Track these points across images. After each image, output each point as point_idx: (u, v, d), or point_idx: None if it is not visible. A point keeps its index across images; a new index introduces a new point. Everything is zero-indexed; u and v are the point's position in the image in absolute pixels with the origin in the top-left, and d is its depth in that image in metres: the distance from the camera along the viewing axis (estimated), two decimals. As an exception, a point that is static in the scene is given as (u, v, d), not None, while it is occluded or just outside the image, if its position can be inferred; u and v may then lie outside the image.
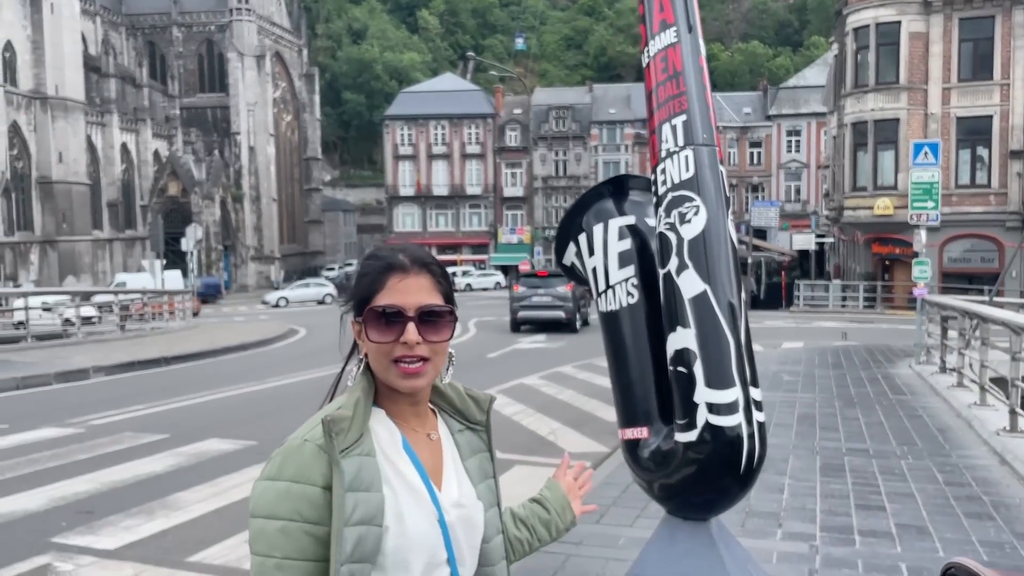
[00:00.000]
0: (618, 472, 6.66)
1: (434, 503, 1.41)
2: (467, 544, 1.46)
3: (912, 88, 29.90)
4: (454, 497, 1.46)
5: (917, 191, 13.45)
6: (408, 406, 1.48)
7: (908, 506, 5.70)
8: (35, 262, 50.61)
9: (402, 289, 1.42)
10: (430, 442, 1.49)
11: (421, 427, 1.50)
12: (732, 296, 3.02)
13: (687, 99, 3.08)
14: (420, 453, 1.46)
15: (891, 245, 31.11)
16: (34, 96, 51.24)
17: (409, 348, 1.40)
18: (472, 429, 1.59)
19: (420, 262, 1.46)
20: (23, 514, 5.98)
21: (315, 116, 79.20)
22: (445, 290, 1.48)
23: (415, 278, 1.44)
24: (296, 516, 1.33)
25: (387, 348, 1.40)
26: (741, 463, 2.94)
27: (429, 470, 1.45)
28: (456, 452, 1.54)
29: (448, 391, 1.57)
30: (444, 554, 1.41)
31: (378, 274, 1.44)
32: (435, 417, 1.55)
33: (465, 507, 1.47)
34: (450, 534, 1.42)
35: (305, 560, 1.32)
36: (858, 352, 16.04)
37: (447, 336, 1.45)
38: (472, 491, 1.51)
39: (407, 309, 1.41)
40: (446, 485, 1.47)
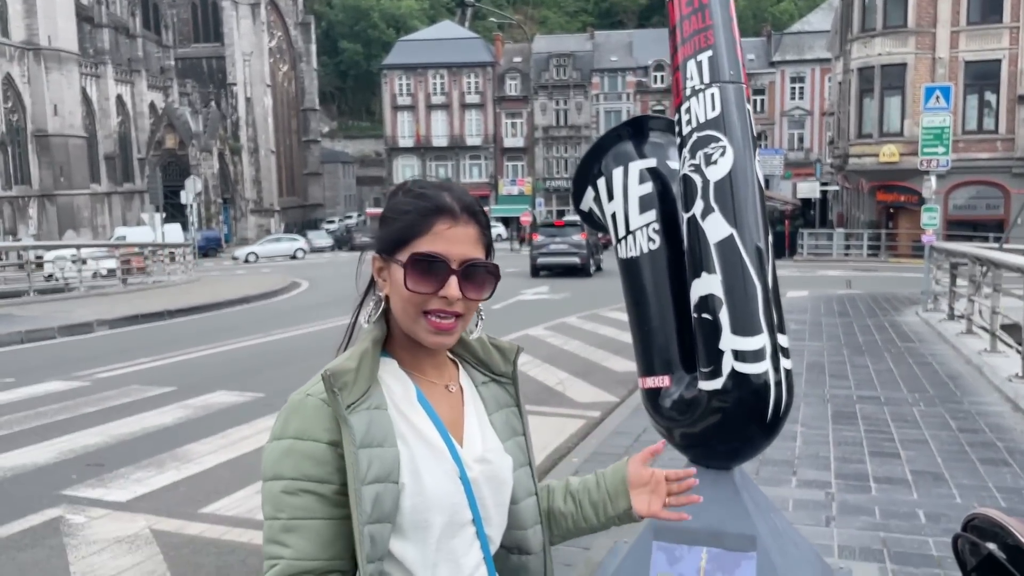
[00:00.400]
0: (629, 421, 6.64)
1: (455, 459, 1.31)
2: (494, 503, 1.35)
3: (920, 32, 29.37)
4: (477, 452, 1.35)
5: (928, 136, 13.25)
6: (427, 357, 1.38)
7: (922, 453, 5.67)
8: (34, 216, 50.38)
9: (449, 237, 1.29)
10: (449, 394, 1.39)
11: (439, 378, 1.39)
12: (759, 240, 2.92)
13: (713, 33, 2.94)
14: (438, 406, 1.35)
15: (896, 192, 30.87)
16: (27, 47, 50.45)
17: (448, 303, 1.28)
18: (497, 381, 1.48)
19: (470, 210, 1.33)
20: (33, 467, 5.97)
21: (312, 66, 78.14)
22: (488, 242, 1.36)
23: (464, 227, 1.31)
24: (299, 475, 1.24)
25: (421, 299, 1.29)
26: (767, 412, 2.87)
27: (448, 424, 1.35)
28: (481, 405, 1.43)
29: (471, 340, 1.46)
30: (468, 513, 1.31)
31: (423, 215, 1.30)
32: (456, 368, 1.45)
33: (490, 463, 1.36)
34: (474, 491, 1.32)
35: (313, 519, 1.24)
36: (863, 300, 15.98)
37: (488, 294, 1.33)
38: (499, 446, 1.40)
39: (452, 260, 1.28)
40: (468, 439, 1.36)
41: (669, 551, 3.08)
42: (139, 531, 4.67)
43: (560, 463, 5.80)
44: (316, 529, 1.24)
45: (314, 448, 1.24)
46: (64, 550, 4.42)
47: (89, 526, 4.78)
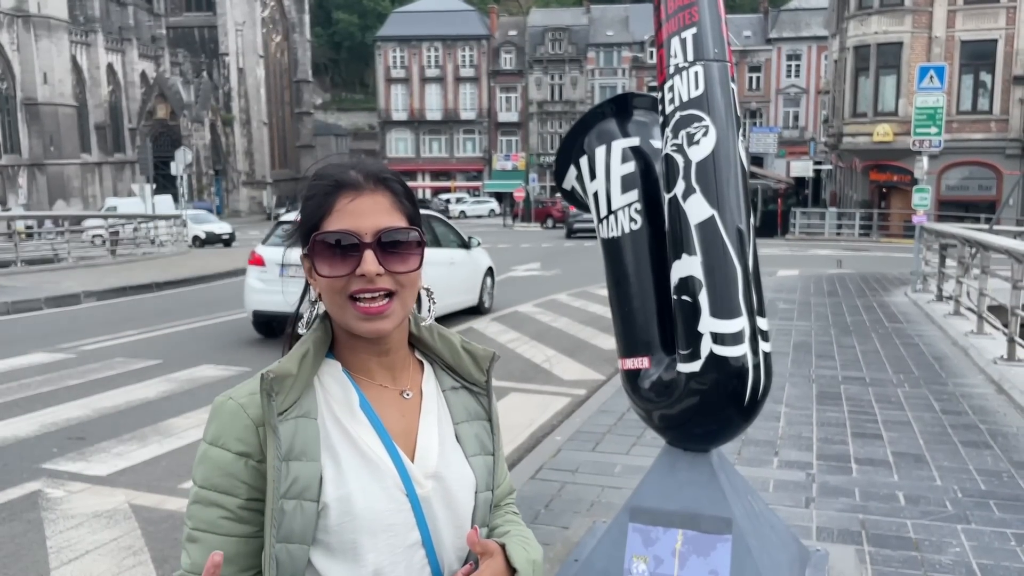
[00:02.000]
0: (613, 400, 6.64)
1: (401, 474, 1.18)
2: (448, 524, 1.22)
3: (917, 10, 29.20)
4: (430, 467, 1.21)
5: (921, 116, 13.19)
6: (373, 356, 1.23)
7: (905, 434, 5.68)
8: (24, 185, 49.97)
9: (354, 211, 1.16)
10: (403, 401, 1.25)
11: (391, 382, 1.25)
12: (741, 222, 2.88)
13: (698, 10, 2.88)
14: (385, 414, 1.21)
15: (889, 172, 30.84)
16: (16, 14, 49.75)
17: (368, 281, 1.14)
18: (469, 389, 1.32)
19: (376, 177, 1.19)
20: (13, 440, 5.93)
21: (305, 37, 77.32)
22: (409, 211, 1.21)
23: (370, 197, 1.17)
24: (206, 484, 1.15)
25: (341, 283, 1.15)
26: (745, 395, 2.86)
27: (397, 434, 1.21)
28: (447, 414, 1.28)
29: (436, 341, 1.31)
30: (415, 534, 1.18)
31: (324, 195, 1.18)
32: (420, 371, 1.30)
33: (444, 479, 1.22)
34: (424, 511, 1.19)
35: (215, 534, 1.14)
36: (853, 280, 16.00)
37: (415, 265, 1.18)
38: (461, 461, 1.25)
39: (363, 234, 1.15)
40: (421, 452, 1.22)
41: (645, 533, 3.07)
42: (118, 506, 4.65)
43: (544, 441, 5.80)
44: (214, 545, 1.14)
45: (222, 458, 1.15)
46: (41, 524, 4.40)
47: (68, 500, 4.76)
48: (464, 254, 11.79)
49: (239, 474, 1.15)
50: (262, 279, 10.11)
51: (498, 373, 6.34)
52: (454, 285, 11.08)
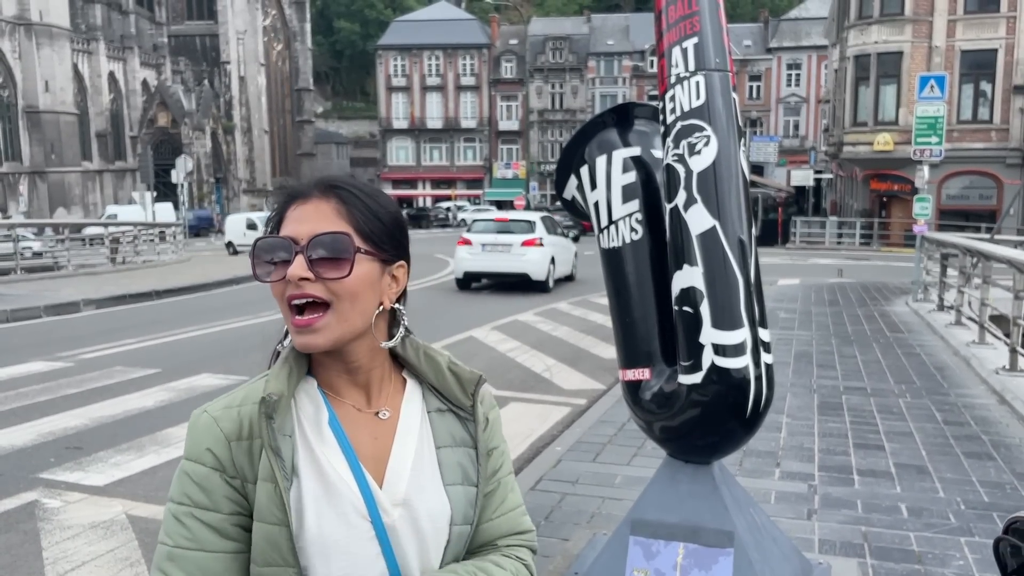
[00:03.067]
0: (614, 410, 6.61)
1: (367, 500, 1.13)
2: (417, 557, 1.16)
3: (917, 20, 29.25)
4: (399, 494, 1.15)
5: (921, 126, 13.18)
6: (343, 374, 1.19)
7: (907, 445, 5.65)
8: (24, 193, 50.02)
9: (297, 217, 1.13)
10: (377, 422, 1.19)
11: (365, 402, 1.20)
12: (742, 232, 2.86)
13: (699, 20, 2.87)
14: (356, 435, 1.17)
15: (889, 181, 30.85)
16: (18, 22, 49.91)
17: (296, 286, 1.10)
18: (455, 413, 1.25)
19: (327, 185, 1.16)
20: (10, 449, 5.90)
21: (306, 45, 77.57)
22: (359, 220, 1.14)
23: (315, 203, 1.14)
24: (184, 499, 1.13)
25: (279, 288, 1.12)
26: (747, 406, 2.83)
27: (367, 457, 1.16)
28: (429, 437, 1.22)
29: (420, 360, 1.24)
30: (380, 565, 1.13)
31: (281, 205, 1.17)
32: (401, 390, 1.24)
33: (414, 508, 1.15)
34: (391, 541, 1.13)
35: (199, 550, 1.11)
36: (854, 289, 15.98)
37: (345, 272, 1.11)
38: (438, 489, 1.18)
39: (298, 239, 1.11)
40: (391, 478, 1.16)
41: (646, 546, 3.04)
42: (115, 516, 4.61)
43: (544, 451, 5.77)
44: (203, 562, 1.11)
45: (196, 471, 1.13)
46: (38, 535, 4.36)
47: (65, 510, 4.72)
48: (567, 241, 17.89)
49: (217, 488, 1.12)
50: (469, 252, 16.35)
51: (497, 382, 6.31)
52: (560, 260, 17.15)
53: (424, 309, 13.84)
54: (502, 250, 16.17)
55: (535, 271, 16.08)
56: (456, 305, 14.49)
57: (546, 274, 16.24)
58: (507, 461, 1.31)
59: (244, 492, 1.13)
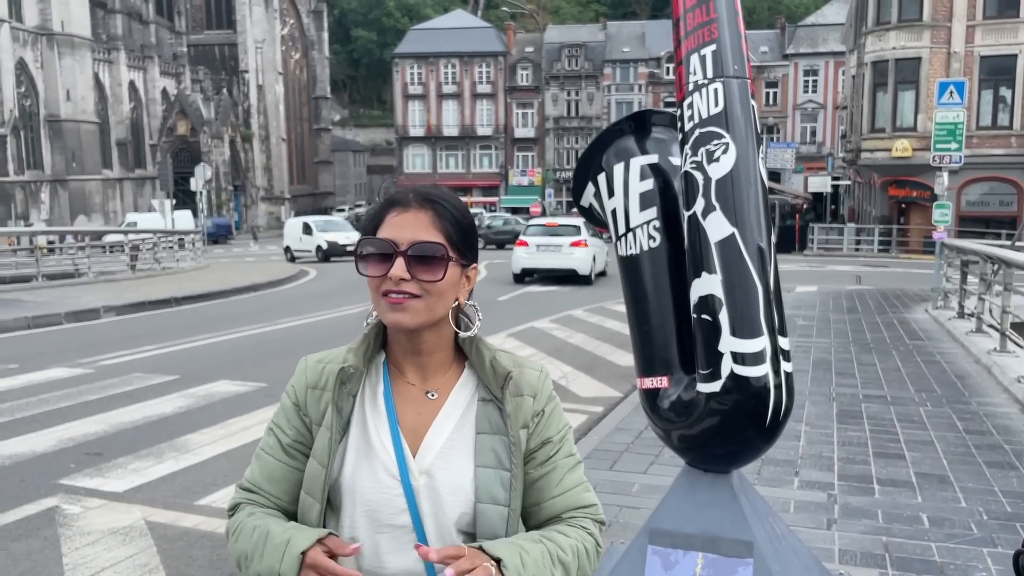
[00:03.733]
0: (631, 418, 6.59)
1: (399, 462, 1.34)
2: (435, 519, 1.34)
3: (935, 26, 29.07)
4: (426, 464, 1.35)
5: (941, 132, 13.09)
6: (409, 355, 1.41)
7: (928, 454, 5.59)
8: (46, 201, 50.56)
9: (398, 224, 1.36)
10: (426, 400, 1.40)
11: (420, 381, 1.42)
12: (761, 240, 2.84)
13: (718, 26, 2.86)
14: (403, 407, 1.39)
15: (908, 188, 30.63)
16: (40, 32, 50.55)
17: (394, 283, 1.33)
18: (495, 402, 1.41)
19: (425, 198, 1.38)
20: (31, 455, 5.95)
21: (324, 54, 78.10)
22: (449, 230, 1.36)
23: (414, 213, 1.36)
24: (275, 418, 1.46)
25: (376, 282, 1.36)
26: (767, 415, 2.81)
27: (409, 428, 1.37)
28: (472, 421, 1.40)
29: (471, 352, 1.44)
30: (404, 518, 1.34)
31: (379, 210, 1.40)
32: (457, 376, 1.44)
33: (435, 479, 1.35)
34: (416, 501, 1.34)
35: (269, 456, 1.44)
36: (873, 296, 15.86)
37: (439, 276, 1.34)
38: (467, 470, 1.35)
39: (399, 243, 1.34)
40: (424, 449, 1.36)
41: (664, 556, 3.02)
42: (134, 522, 4.64)
43: (560, 459, 5.74)
44: (272, 465, 1.44)
45: (285, 402, 1.45)
46: (58, 541, 4.40)
47: (84, 516, 4.76)
48: (601, 242, 20.14)
49: (291, 417, 1.44)
50: (526, 252, 19.68)
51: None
52: (599, 259, 20.00)
53: (440, 316, 13.86)
54: (553, 250, 19.51)
55: (581, 267, 19.35)
56: (472, 312, 14.51)
57: (589, 269, 19.42)
58: (565, 446, 1.48)
59: (308, 428, 1.42)
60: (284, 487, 1.42)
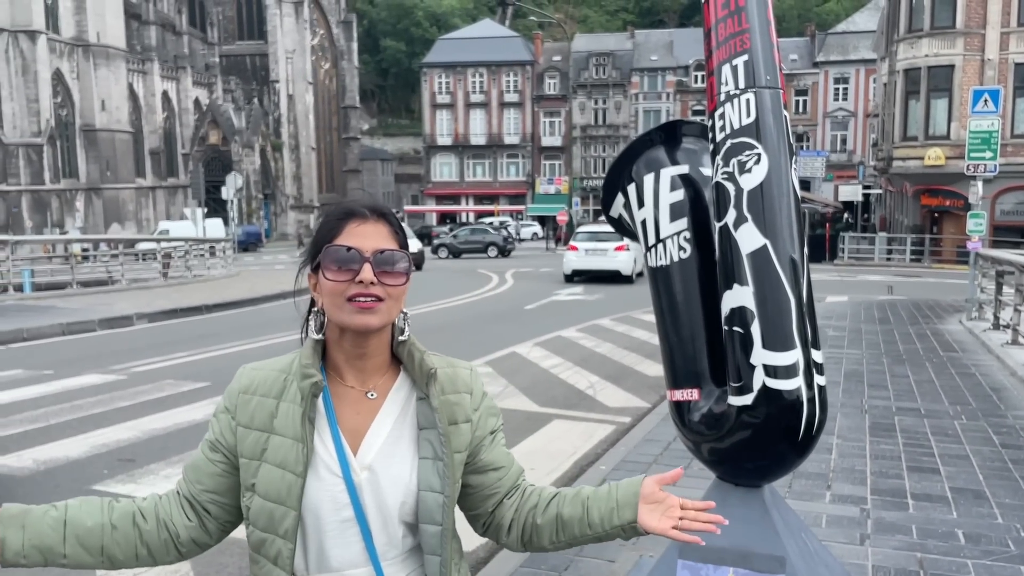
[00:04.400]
0: (659, 429, 6.54)
1: (340, 460, 1.44)
2: (377, 510, 1.45)
3: (969, 33, 28.69)
4: (367, 460, 1.46)
5: (975, 140, 12.90)
6: (352, 359, 1.49)
7: (963, 469, 5.49)
8: (81, 209, 51.45)
9: (360, 233, 1.45)
10: (364, 400, 1.50)
11: (359, 383, 1.50)
12: (794, 251, 2.81)
13: (749, 37, 2.84)
14: (342, 409, 1.48)
15: (941, 197, 30.20)
16: (76, 44, 51.53)
17: (364, 287, 1.42)
18: (426, 400, 1.51)
19: (378, 211, 1.49)
20: (65, 461, 6.04)
21: (353, 64, 78.75)
22: (401, 240, 1.51)
23: (372, 224, 1.47)
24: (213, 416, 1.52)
25: (342, 287, 1.43)
26: (800, 429, 2.77)
27: (347, 428, 1.47)
28: (413, 418, 1.51)
29: (403, 354, 1.53)
30: (348, 512, 1.44)
31: (336, 221, 1.47)
32: (393, 378, 1.54)
33: (376, 473, 1.45)
34: (359, 495, 1.44)
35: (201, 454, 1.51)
36: (905, 307, 15.64)
37: (402, 280, 1.46)
38: (407, 462, 1.47)
39: (364, 250, 1.44)
40: (364, 447, 1.46)
41: (695, 570, 2.99)
42: (165, 529, 4.68)
43: (588, 470, 5.73)
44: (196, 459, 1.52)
45: (219, 403, 1.53)
46: (91, 546, 4.44)
47: (117, 522, 4.80)
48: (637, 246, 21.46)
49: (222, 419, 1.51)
50: (576, 256, 22.79)
51: (541, 399, 6.32)
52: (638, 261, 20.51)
53: (467, 324, 13.88)
54: (600, 253, 22.55)
55: (625, 268, 22.39)
56: (498, 320, 14.51)
57: (631, 270, 22.35)
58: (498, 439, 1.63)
59: (234, 430, 1.48)
60: (205, 482, 1.50)
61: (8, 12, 47.02)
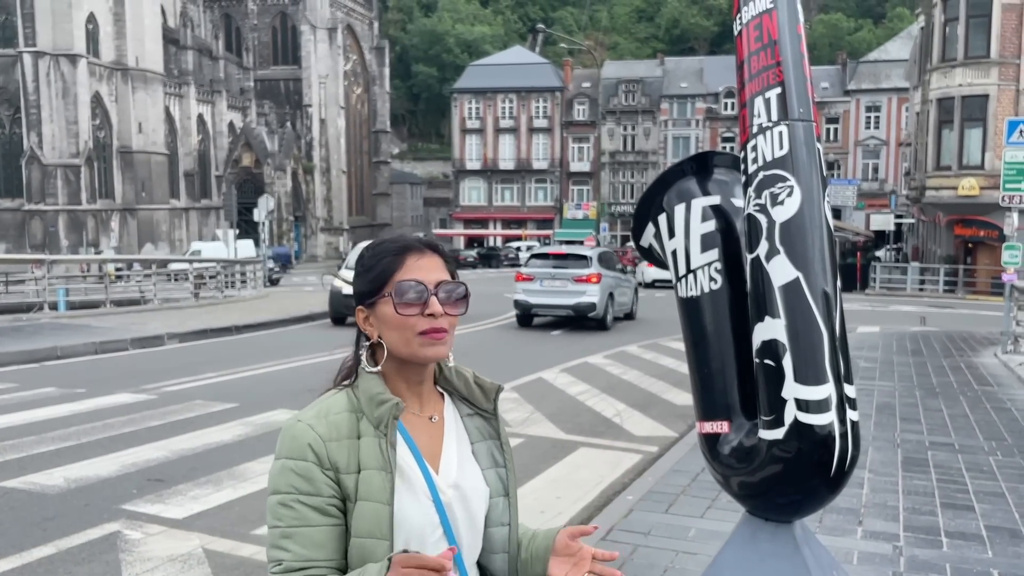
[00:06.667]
0: (687, 459, 6.48)
1: (428, 483, 1.48)
2: (466, 523, 1.52)
3: (1004, 63, 28.44)
4: (452, 478, 1.52)
5: (1010, 171, 12.74)
6: (413, 386, 1.54)
7: (999, 507, 5.38)
8: (115, 229, 52.29)
9: (421, 267, 1.50)
10: (430, 424, 1.56)
11: (421, 410, 1.56)
12: (827, 284, 2.79)
13: (783, 70, 2.84)
14: (417, 435, 1.52)
15: (975, 227, 29.80)
16: (115, 67, 52.69)
17: (435, 319, 1.47)
18: (482, 415, 1.62)
19: (431, 245, 1.55)
20: (96, 480, 6.10)
21: (385, 89, 79.71)
22: (453, 270, 1.56)
23: (430, 258, 1.52)
24: (291, 489, 1.43)
25: (412, 321, 1.47)
26: (832, 465, 2.73)
27: (425, 452, 1.52)
28: (465, 435, 1.59)
29: (453, 377, 1.61)
30: (438, 532, 1.47)
31: (394, 256, 1.51)
32: (441, 400, 1.61)
33: (462, 488, 1.52)
34: (447, 513, 1.48)
35: (306, 527, 1.42)
36: (938, 338, 15.40)
37: (463, 309, 1.53)
38: (478, 474, 1.56)
39: (428, 283, 1.49)
40: (444, 466, 1.53)
41: (723, 606, 2.94)
42: (192, 550, 4.71)
43: (614, 500, 5.68)
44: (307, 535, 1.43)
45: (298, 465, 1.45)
46: (119, 566, 4.48)
47: (145, 542, 4.84)
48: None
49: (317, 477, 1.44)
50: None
51: (567, 426, 6.30)
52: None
53: (493, 348, 13.88)
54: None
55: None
56: (524, 344, 14.50)
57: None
58: None
59: (337, 480, 1.44)
60: (331, 548, 1.44)
61: (50, 36, 48.24)
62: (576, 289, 16.52)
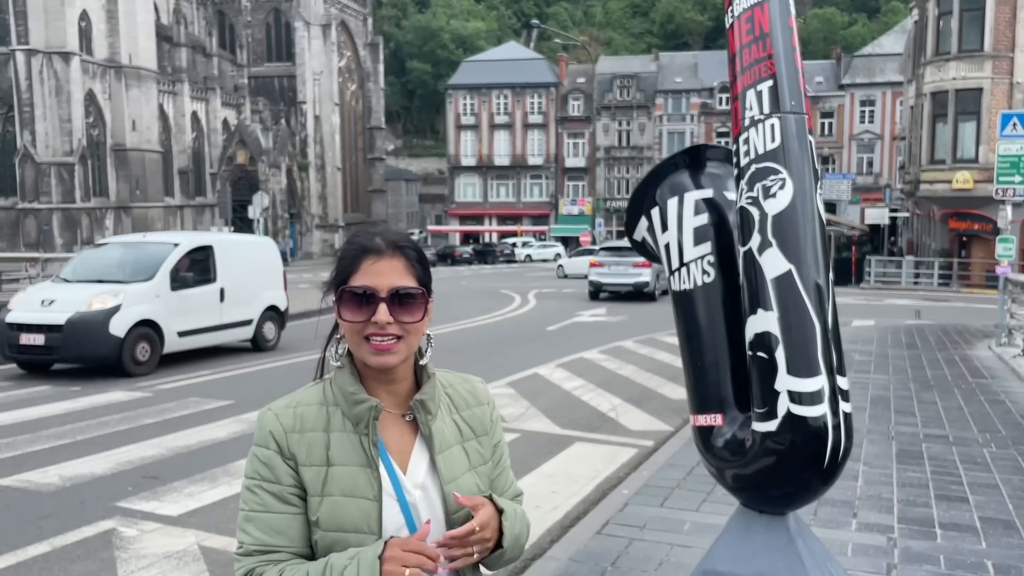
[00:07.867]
0: (682, 453, 6.49)
1: (394, 483, 1.47)
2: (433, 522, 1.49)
3: (997, 56, 28.48)
4: (419, 478, 1.50)
5: (1004, 164, 12.78)
6: (383, 384, 1.51)
7: (992, 498, 5.39)
8: (110, 227, 52.19)
9: (375, 271, 1.47)
10: (402, 422, 1.53)
11: (395, 407, 1.53)
12: (819, 277, 2.80)
13: (774, 62, 2.84)
14: (387, 434, 1.51)
15: (969, 220, 29.88)
16: (109, 65, 52.52)
17: (380, 327, 1.44)
18: (463, 415, 1.61)
19: (394, 245, 1.50)
20: (91, 477, 6.10)
21: (379, 85, 79.51)
22: (419, 273, 1.51)
23: (388, 260, 1.48)
24: (255, 475, 1.47)
25: (359, 327, 1.46)
26: (825, 456, 2.74)
27: (394, 449, 1.50)
28: (444, 435, 1.56)
29: (423, 378, 1.58)
30: (404, 533, 1.46)
31: (353, 257, 1.49)
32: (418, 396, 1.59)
33: (429, 488, 1.50)
34: (411, 513, 1.47)
35: (266, 512, 1.45)
36: (933, 331, 15.44)
37: (419, 317, 1.49)
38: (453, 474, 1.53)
39: (379, 290, 1.45)
40: (413, 466, 1.51)
41: (718, 598, 2.95)
42: (188, 547, 4.71)
43: (610, 494, 5.69)
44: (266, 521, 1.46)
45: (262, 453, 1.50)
46: (115, 564, 4.48)
47: (140, 540, 4.84)
48: None
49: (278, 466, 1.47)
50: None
51: (563, 421, 6.30)
52: None
53: (489, 344, 13.88)
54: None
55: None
56: (520, 341, 14.50)
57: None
58: (507, 452, 1.70)
59: (296, 471, 1.46)
60: (291, 535, 1.45)
61: (43, 34, 48.07)
62: (635, 272, 22.88)
